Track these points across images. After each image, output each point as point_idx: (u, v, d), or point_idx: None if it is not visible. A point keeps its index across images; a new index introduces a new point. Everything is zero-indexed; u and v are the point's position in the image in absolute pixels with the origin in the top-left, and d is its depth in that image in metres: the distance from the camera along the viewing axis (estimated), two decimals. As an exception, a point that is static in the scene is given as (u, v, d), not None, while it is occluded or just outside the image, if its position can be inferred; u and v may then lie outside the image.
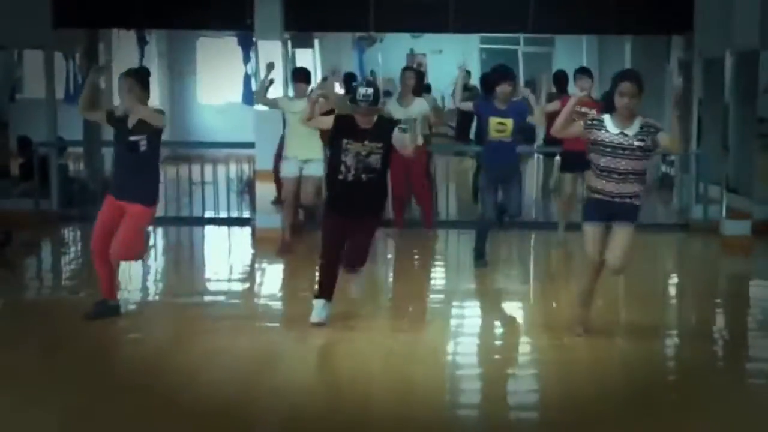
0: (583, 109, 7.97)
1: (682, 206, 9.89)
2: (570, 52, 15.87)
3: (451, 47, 16.49)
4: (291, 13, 8.82)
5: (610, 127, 5.30)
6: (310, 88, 8.01)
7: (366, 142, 5.53)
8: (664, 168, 11.71)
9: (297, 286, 7.17)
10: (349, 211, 5.61)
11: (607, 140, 5.28)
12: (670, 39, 11.14)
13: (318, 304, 5.76)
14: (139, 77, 5.79)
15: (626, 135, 5.25)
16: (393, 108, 8.24)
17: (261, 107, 8.50)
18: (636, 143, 5.25)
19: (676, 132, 5.43)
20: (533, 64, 16.74)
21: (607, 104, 5.91)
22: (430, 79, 11.10)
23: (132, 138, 5.66)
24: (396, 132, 5.60)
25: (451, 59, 16.65)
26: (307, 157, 7.90)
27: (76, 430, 4.34)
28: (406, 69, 9.03)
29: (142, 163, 5.73)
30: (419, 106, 8.39)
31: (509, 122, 7.28)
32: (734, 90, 8.96)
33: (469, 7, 9.42)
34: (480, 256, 7.61)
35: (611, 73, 13.60)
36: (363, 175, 5.55)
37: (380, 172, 5.63)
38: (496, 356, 5.66)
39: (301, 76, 8.12)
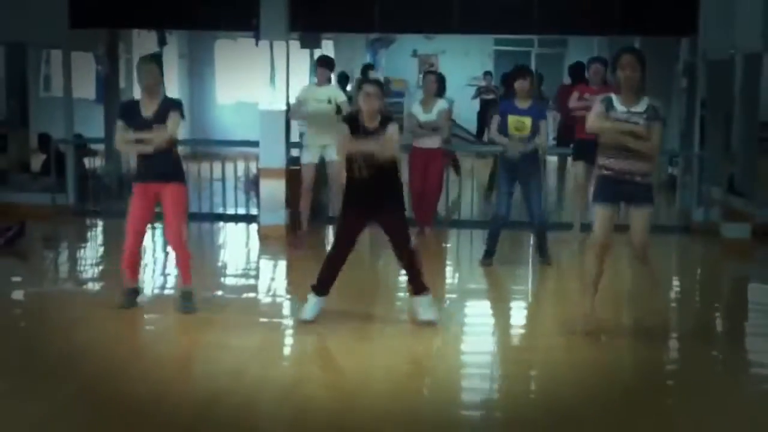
0: (590, 97, 8.07)
1: (684, 208, 9.91)
2: (582, 54, 15.88)
3: (461, 48, 16.70)
4: (296, 14, 9.02)
5: (618, 105, 5.34)
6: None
7: (369, 138, 5.67)
8: (670, 170, 11.72)
9: (301, 282, 7.34)
10: (368, 205, 5.73)
11: (614, 118, 5.32)
12: (678, 41, 11.16)
13: (312, 300, 5.83)
14: (159, 62, 6.15)
15: (632, 113, 5.30)
16: (416, 111, 8.67)
17: (266, 107, 8.86)
18: (642, 121, 5.28)
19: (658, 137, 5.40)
20: (546, 65, 16.82)
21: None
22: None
23: (156, 126, 5.90)
24: (389, 127, 5.71)
25: (456, 60, 17.05)
26: (326, 142, 8.13)
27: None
28: (428, 73, 9.42)
29: (168, 149, 5.96)
30: (440, 106, 8.69)
31: (527, 120, 7.43)
32: (738, 92, 9.00)
33: (474, 8, 9.51)
34: (489, 254, 7.65)
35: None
36: (374, 171, 5.68)
37: (389, 167, 5.73)
38: (503, 356, 5.60)
39: (323, 62, 8.54)
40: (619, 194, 5.40)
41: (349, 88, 12.47)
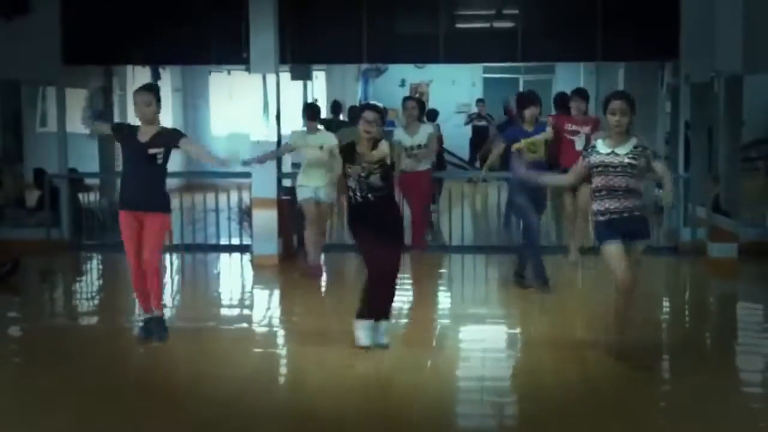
0: (573, 127, 8.36)
1: (671, 229, 10.03)
2: (569, 80, 16.20)
3: (451, 76, 16.97)
4: (287, 46, 9.22)
5: (601, 148, 5.53)
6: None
7: (364, 164, 5.78)
8: (657, 192, 11.84)
9: (292, 311, 7.43)
10: (371, 225, 5.79)
11: (597, 161, 5.50)
12: (662, 65, 11.35)
13: (364, 325, 5.90)
14: (155, 92, 6.30)
15: (617, 154, 5.45)
16: (401, 137, 8.72)
17: (258, 138, 9.06)
18: (627, 161, 5.42)
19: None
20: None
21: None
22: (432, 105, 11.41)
23: (151, 151, 6.03)
24: (380, 145, 5.81)
25: (445, 88, 17.34)
26: (319, 184, 8.36)
27: None
28: (408, 99, 9.37)
29: (157, 175, 6.11)
30: (425, 131, 8.90)
31: (540, 142, 7.58)
32: (720, 114, 9.16)
33: (459, 38, 9.72)
34: (545, 280, 7.57)
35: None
36: (369, 195, 5.79)
37: (385, 190, 5.83)
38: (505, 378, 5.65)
39: (310, 113, 8.57)
40: (623, 230, 5.47)
41: (341, 117, 12.66)
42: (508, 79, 17.07)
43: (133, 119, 12.89)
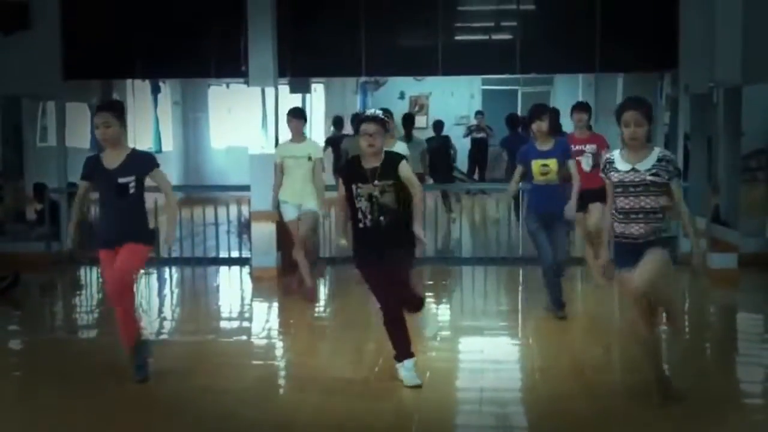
0: (576, 147, 7.99)
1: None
2: (568, 91, 16.26)
3: (449, 89, 17.03)
4: (285, 59, 9.23)
5: (620, 164, 4.86)
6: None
7: (376, 182, 5.18)
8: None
9: (291, 323, 7.41)
10: (378, 258, 5.21)
11: (617, 179, 4.84)
12: (662, 76, 11.37)
13: (407, 365, 5.41)
14: (117, 109, 5.53)
15: (637, 171, 4.78)
16: None
17: (255, 151, 9.09)
18: (649, 178, 4.76)
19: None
20: (532, 103, 17.05)
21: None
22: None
23: (120, 180, 5.37)
24: (403, 165, 5.25)
25: (443, 100, 17.41)
26: (302, 201, 7.85)
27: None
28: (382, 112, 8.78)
29: (133, 207, 5.45)
30: (399, 149, 7.93)
31: (552, 162, 6.91)
32: (720, 124, 9.17)
33: (458, 50, 9.74)
34: (560, 305, 7.12)
35: (606, 108, 13.88)
36: (381, 218, 5.18)
37: (399, 212, 5.21)
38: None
39: (297, 114, 7.96)
40: (636, 259, 4.82)
41: (345, 131, 12.66)
42: (506, 90, 17.12)
43: (133, 133, 12.93)
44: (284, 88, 11.14)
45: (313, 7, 9.66)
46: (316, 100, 15.06)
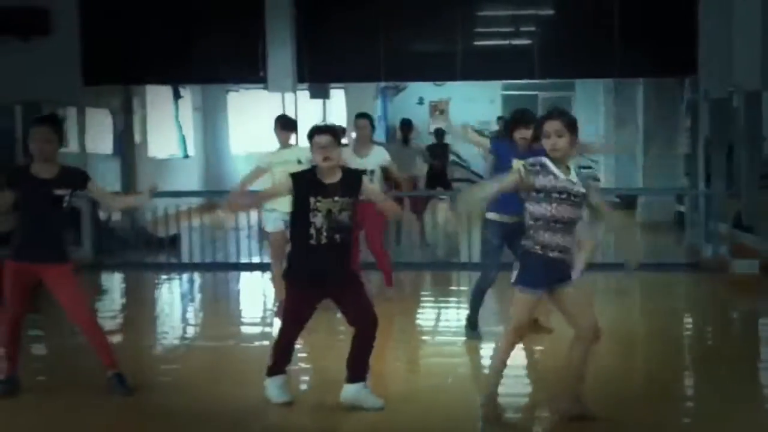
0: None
1: (692, 245, 9.96)
2: (589, 96, 16.22)
3: (469, 94, 17.03)
4: (304, 65, 9.29)
5: (556, 171, 4.55)
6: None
7: (336, 198, 4.85)
8: (679, 207, 11.79)
9: (310, 328, 7.41)
10: (322, 279, 4.89)
11: (560, 186, 4.53)
12: (682, 81, 11.33)
13: (276, 381, 5.21)
14: (54, 123, 5.39)
15: (573, 182, 4.57)
16: (348, 158, 7.29)
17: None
18: (581, 190, 4.59)
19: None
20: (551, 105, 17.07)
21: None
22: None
23: (58, 192, 5.19)
24: (366, 182, 5.08)
25: (463, 105, 17.43)
26: (288, 209, 7.55)
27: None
28: (360, 116, 8.00)
29: (62, 220, 5.34)
30: (377, 156, 7.74)
31: None
32: (740, 129, 9.13)
33: (477, 56, 9.76)
34: (473, 326, 6.66)
35: (627, 114, 13.85)
36: (336, 236, 4.85)
37: (350, 230, 4.98)
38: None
39: (285, 124, 7.72)
40: (549, 277, 4.62)
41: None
42: (527, 96, 17.09)
43: (153, 138, 13.01)
44: (304, 94, 11.20)
45: (332, 13, 9.72)
46: (336, 105, 15.11)
